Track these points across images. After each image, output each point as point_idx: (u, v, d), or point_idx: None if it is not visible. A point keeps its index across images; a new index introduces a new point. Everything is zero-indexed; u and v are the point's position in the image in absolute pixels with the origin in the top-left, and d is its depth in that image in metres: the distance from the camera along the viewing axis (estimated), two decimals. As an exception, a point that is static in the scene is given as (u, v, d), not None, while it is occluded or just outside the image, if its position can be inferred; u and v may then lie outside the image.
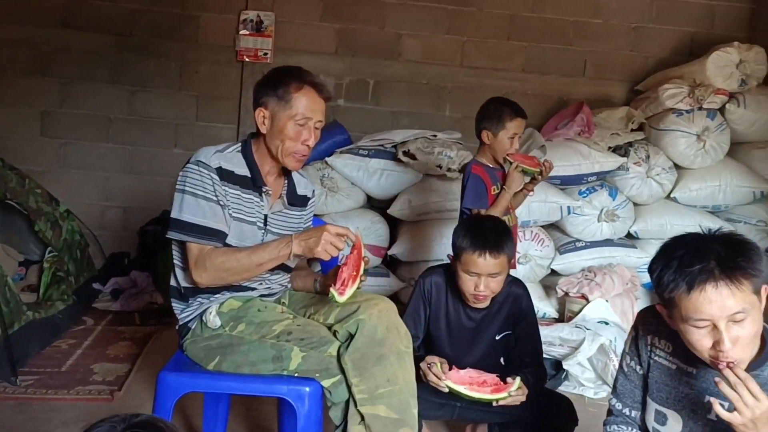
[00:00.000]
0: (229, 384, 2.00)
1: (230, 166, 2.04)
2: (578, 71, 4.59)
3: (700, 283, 1.39)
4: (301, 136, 2.02)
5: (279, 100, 2.01)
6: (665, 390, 1.62)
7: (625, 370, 1.72)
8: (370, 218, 3.94)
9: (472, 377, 2.08)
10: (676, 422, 1.61)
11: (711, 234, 1.48)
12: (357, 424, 1.91)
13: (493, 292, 2.20)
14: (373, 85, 4.56)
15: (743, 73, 3.96)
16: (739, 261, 1.39)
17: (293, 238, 1.98)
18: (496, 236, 2.20)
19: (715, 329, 1.41)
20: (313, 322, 2.06)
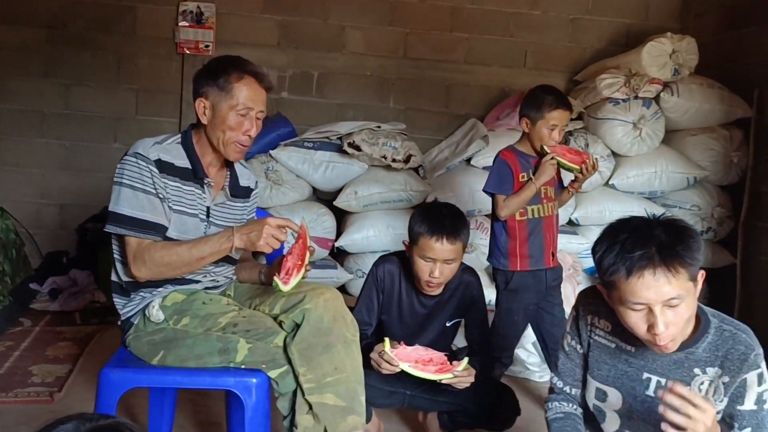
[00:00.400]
0: (174, 378, 1.97)
1: (170, 158, 2.01)
2: (519, 62, 4.66)
3: (639, 269, 1.43)
4: (243, 127, 2.01)
5: (220, 90, 1.99)
6: (605, 368, 1.66)
7: (566, 349, 1.76)
8: (316, 210, 3.93)
9: (419, 355, 2.10)
10: (616, 399, 1.66)
11: (656, 219, 1.52)
12: (305, 413, 1.92)
13: (446, 279, 2.22)
14: (317, 77, 4.54)
15: (676, 63, 4.08)
16: (678, 249, 1.44)
17: (234, 231, 1.96)
18: (453, 222, 2.22)
19: (651, 312, 1.46)
20: (259, 314, 2.05)
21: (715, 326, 1.57)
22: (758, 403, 1.54)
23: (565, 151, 2.83)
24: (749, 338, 1.55)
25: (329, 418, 1.91)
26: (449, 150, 4.24)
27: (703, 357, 1.56)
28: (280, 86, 4.48)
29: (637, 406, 1.63)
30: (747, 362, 1.52)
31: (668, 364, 1.59)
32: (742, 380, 1.53)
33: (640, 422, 1.64)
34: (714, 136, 4.11)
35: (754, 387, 1.53)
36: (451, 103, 4.61)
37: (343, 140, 3.97)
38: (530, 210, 2.86)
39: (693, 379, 1.57)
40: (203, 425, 2.64)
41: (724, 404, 1.56)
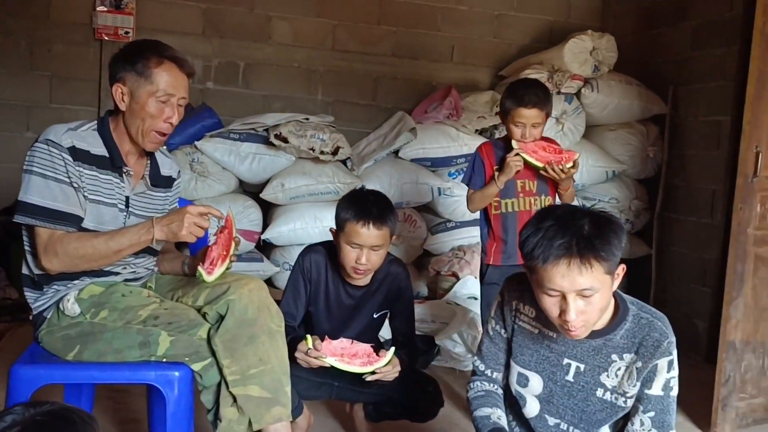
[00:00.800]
0: (90, 373, 1.90)
1: (85, 146, 1.92)
2: (446, 57, 4.71)
3: (556, 258, 1.47)
4: (164, 114, 1.94)
5: (138, 75, 1.91)
6: (528, 353, 1.70)
7: (491, 333, 1.79)
8: (242, 202, 3.87)
9: (344, 348, 2.09)
10: (538, 383, 1.70)
11: (584, 210, 1.56)
12: (229, 406, 1.88)
13: (373, 266, 2.22)
14: (244, 67, 4.46)
15: (596, 60, 4.21)
16: (596, 243, 1.47)
17: (154, 222, 1.90)
18: (379, 209, 2.22)
19: (564, 300, 1.51)
20: (182, 305, 2.00)
21: (633, 314, 1.62)
22: (665, 389, 1.60)
23: (538, 147, 2.71)
24: (664, 326, 1.61)
25: (254, 409, 1.88)
26: (377, 142, 4.24)
27: (620, 343, 1.61)
28: (205, 76, 4.38)
29: (557, 391, 1.67)
30: (660, 349, 1.58)
31: (587, 350, 1.63)
32: (654, 366, 1.58)
33: (560, 406, 1.68)
34: (632, 132, 4.27)
35: (663, 373, 1.59)
36: (378, 96, 4.61)
37: (270, 132, 3.91)
38: (504, 204, 2.82)
39: (610, 365, 1.62)
40: (123, 422, 2.57)
41: (636, 389, 1.61)
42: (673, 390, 1.61)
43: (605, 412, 1.65)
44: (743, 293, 2.89)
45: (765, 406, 3.04)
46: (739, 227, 2.84)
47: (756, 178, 2.82)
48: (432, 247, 4.12)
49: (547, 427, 1.71)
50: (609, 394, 1.64)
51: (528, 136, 2.70)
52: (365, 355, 2.09)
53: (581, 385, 1.65)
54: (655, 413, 1.60)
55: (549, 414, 1.70)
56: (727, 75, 3.89)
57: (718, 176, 3.92)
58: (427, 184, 3.99)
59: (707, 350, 3.84)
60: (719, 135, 3.94)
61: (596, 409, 1.65)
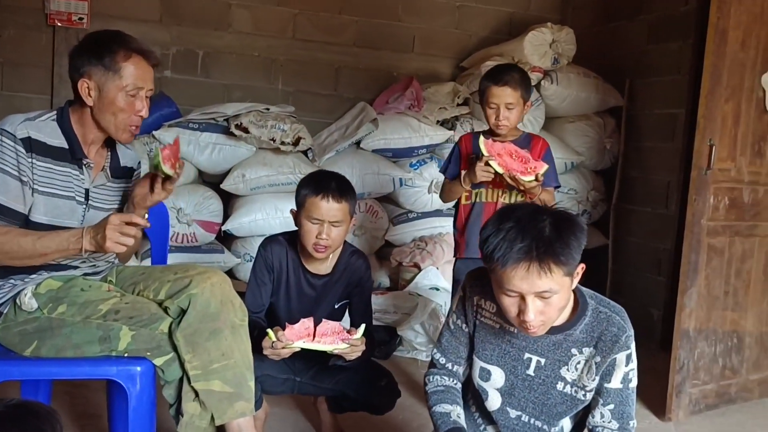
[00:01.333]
0: (49, 369, 1.86)
1: (42, 137, 1.88)
2: (408, 47, 4.70)
3: (515, 262, 1.47)
4: (134, 107, 1.92)
5: (106, 70, 1.88)
6: (489, 348, 1.71)
7: (452, 327, 1.79)
8: (202, 193, 3.81)
9: (308, 328, 2.09)
10: (500, 377, 1.71)
11: (546, 210, 1.56)
12: (191, 400, 1.87)
13: (334, 242, 2.22)
14: (203, 56, 4.38)
15: (556, 52, 4.25)
16: (556, 247, 1.47)
17: (84, 232, 1.84)
18: (339, 183, 2.24)
19: (523, 300, 1.51)
20: (143, 299, 1.97)
21: (592, 308, 1.65)
22: (624, 382, 1.63)
23: (506, 152, 2.54)
24: (622, 320, 1.63)
25: (216, 404, 1.87)
26: (339, 133, 4.22)
27: (580, 338, 1.63)
28: (163, 64, 4.27)
29: (518, 384, 1.69)
30: (618, 343, 1.60)
31: (548, 345, 1.65)
32: (612, 360, 1.61)
33: (521, 399, 1.70)
34: (589, 124, 4.33)
35: (621, 366, 1.62)
36: (340, 86, 4.59)
37: (230, 122, 3.87)
38: (474, 194, 2.76)
39: (570, 359, 1.65)
40: (81, 417, 2.52)
41: (596, 383, 1.64)
42: (632, 382, 1.64)
43: (565, 405, 1.68)
44: (697, 283, 2.97)
45: (717, 392, 3.15)
46: (693, 218, 2.92)
47: (710, 170, 2.90)
48: (393, 238, 4.13)
49: (509, 419, 1.73)
50: (569, 388, 1.66)
51: (502, 119, 2.63)
52: (335, 333, 2.09)
53: (542, 379, 1.67)
54: (614, 405, 1.63)
55: (511, 407, 1.72)
56: (682, 69, 3.98)
57: (673, 168, 4.02)
58: (388, 175, 3.99)
59: (662, 338, 3.95)
60: (674, 127, 4.03)
61: (556, 402, 1.68)
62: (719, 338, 3.12)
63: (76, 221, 1.94)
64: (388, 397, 2.28)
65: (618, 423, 1.64)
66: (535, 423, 1.71)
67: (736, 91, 2.97)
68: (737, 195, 3.06)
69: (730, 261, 3.10)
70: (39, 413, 1.12)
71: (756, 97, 3.04)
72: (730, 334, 3.15)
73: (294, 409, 2.76)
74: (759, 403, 3.29)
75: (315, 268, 2.34)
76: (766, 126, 3.11)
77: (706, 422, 3.02)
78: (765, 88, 3.05)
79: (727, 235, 3.07)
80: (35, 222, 1.87)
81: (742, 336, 3.20)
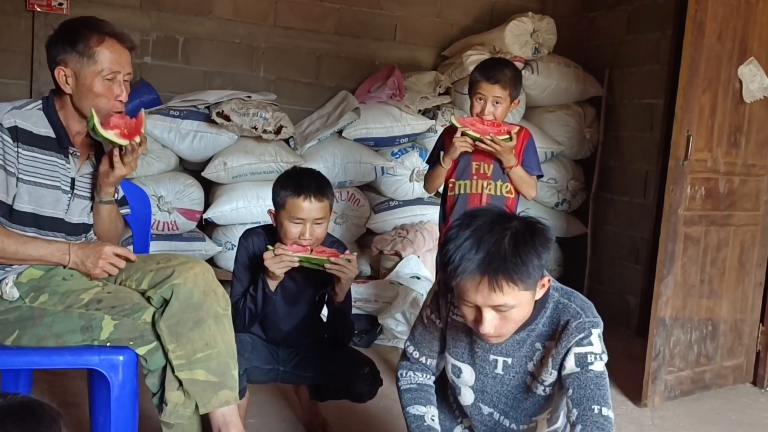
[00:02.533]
0: (30, 359, 1.86)
1: (28, 126, 1.87)
2: (389, 36, 4.70)
3: (470, 275, 1.41)
4: (112, 92, 1.90)
5: (80, 56, 1.87)
6: (460, 346, 1.69)
7: (425, 321, 1.75)
8: (183, 181, 3.80)
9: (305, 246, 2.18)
10: (470, 375, 1.70)
11: (511, 217, 1.48)
12: (175, 389, 1.88)
13: (317, 240, 2.23)
14: (183, 42, 4.34)
15: (536, 42, 4.27)
16: (510, 266, 1.39)
17: (70, 249, 1.89)
18: (317, 182, 2.25)
19: (479, 311, 1.46)
20: (125, 289, 1.98)
21: (554, 300, 1.59)
22: (580, 366, 1.53)
23: (478, 121, 2.63)
24: (579, 307, 1.57)
25: (200, 393, 1.88)
26: (320, 121, 4.22)
27: (543, 331, 1.60)
28: (142, 51, 4.24)
29: (488, 382, 1.68)
30: (568, 330, 1.53)
31: (512, 345, 1.62)
32: (566, 348, 1.55)
33: (493, 395, 1.69)
34: (569, 113, 4.37)
35: (574, 350, 1.54)
36: (322, 75, 4.58)
37: (212, 109, 3.85)
38: (458, 185, 2.75)
39: (535, 353, 1.61)
40: (62, 406, 2.51)
41: (553, 377, 1.59)
42: (593, 365, 1.53)
43: (530, 401, 1.66)
44: (673, 271, 3.02)
45: (692, 379, 3.21)
46: (670, 208, 2.97)
47: (687, 161, 2.94)
48: (375, 226, 4.15)
49: (482, 415, 1.72)
50: (534, 383, 1.63)
51: (487, 114, 2.64)
52: (330, 253, 2.17)
53: (511, 376, 1.65)
54: (572, 390, 1.53)
55: (483, 403, 1.71)
56: (661, 59, 4.02)
57: (651, 158, 4.07)
58: (370, 164, 4.00)
59: (638, 325, 4.01)
60: (652, 117, 4.08)
61: (524, 398, 1.66)
62: (695, 326, 3.18)
63: (60, 211, 1.94)
64: (370, 386, 2.30)
65: (577, 410, 1.50)
66: (504, 421, 1.70)
67: (713, 83, 3.01)
68: (713, 185, 3.11)
69: (705, 250, 3.15)
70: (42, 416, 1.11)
71: (732, 89, 3.09)
72: (705, 321, 3.21)
73: (276, 398, 2.77)
74: (733, 389, 3.37)
75: None
76: (741, 117, 3.16)
77: (682, 408, 3.09)
78: (742, 80, 3.09)
79: (703, 225, 3.12)
80: (19, 211, 1.87)
81: (717, 323, 3.27)
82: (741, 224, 3.27)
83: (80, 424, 2.41)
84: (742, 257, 3.31)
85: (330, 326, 2.41)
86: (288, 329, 2.35)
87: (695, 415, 3.03)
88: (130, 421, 1.90)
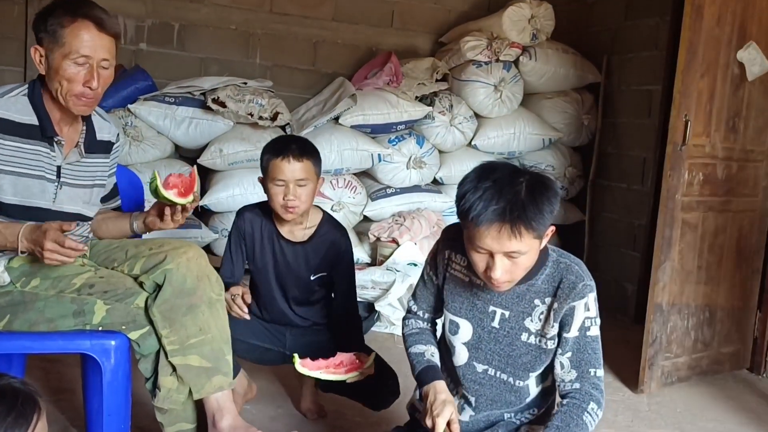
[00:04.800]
0: (22, 343, 1.85)
1: (9, 114, 1.83)
2: (386, 22, 4.66)
3: (489, 222, 1.51)
4: (80, 78, 1.82)
5: (50, 36, 1.80)
6: (458, 300, 1.76)
7: (425, 278, 1.86)
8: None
9: (327, 362, 2.08)
10: (467, 330, 1.75)
11: (523, 172, 1.58)
12: (168, 375, 1.87)
13: (302, 203, 2.23)
14: (179, 29, 4.31)
15: (534, 28, 4.24)
16: (529, 212, 1.50)
17: (21, 236, 1.78)
18: (300, 144, 2.27)
19: (491, 258, 1.56)
20: (118, 274, 1.96)
21: (553, 259, 1.69)
22: (581, 330, 1.66)
23: None
24: (581, 270, 1.67)
25: (194, 379, 1.87)
26: (317, 108, 4.20)
27: (542, 288, 1.67)
28: (138, 37, 4.22)
29: (484, 337, 1.73)
30: (575, 290, 1.63)
31: (512, 298, 1.69)
32: (570, 308, 1.64)
33: (487, 352, 1.74)
34: (567, 100, 4.35)
35: (579, 314, 1.65)
36: (318, 61, 4.55)
37: (207, 96, 3.83)
38: None
39: (533, 310, 1.69)
40: (55, 392, 2.51)
41: (555, 329, 1.67)
42: (590, 330, 1.66)
43: (530, 356, 1.71)
44: (671, 257, 3.01)
45: (688, 365, 3.21)
46: (668, 194, 2.95)
47: (685, 146, 2.93)
48: (372, 214, 4.13)
49: (476, 374, 1.76)
50: (533, 338, 1.70)
51: None
52: (350, 363, 2.09)
53: (506, 331, 1.71)
54: (572, 353, 1.66)
55: (477, 361, 1.76)
56: (659, 45, 3.99)
57: (649, 144, 4.05)
58: (367, 151, 3.98)
59: (635, 312, 4.01)
60: (650, 104, 4.05)
61: (521, 352, 1.71)
62: (692, 312, 3.17)
63: (47, 200, 1.90)
64: (388, 397, 2.29)
65: (576, 372, 1.66)
66: (501, 376, 1.74)
67: (711, 67, 2.99)
68: (711, 171, 3.10)
69: (703, 236, 3.14)
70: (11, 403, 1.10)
71: (731, 73, 3.07)
72: (702, 307, 3.21)
73: (273, 384, 2.77)
74: (729, 376, 3.36)
75: (291, 235, 2.34)
76: (740, 102, 3.14)
77: (678, 394, 3.08)
78: (744, 63, 3.06)
79: (701, 211, 3.10)
80: (5, 203, 1.84)
81: (714, 310, 3.26)
82: (739, 210, 3.25)
83: (75, 411, 2.40)
84: (739, 244, 3.29)
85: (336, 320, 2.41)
86: (284, 309, 2.36)
87: (692, 402, 3.03)
88: (122, 406, 1.89)
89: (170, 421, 1.92)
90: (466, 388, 1.79)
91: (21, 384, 1.15)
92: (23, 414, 1.11)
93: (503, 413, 1.79)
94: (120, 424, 1.89)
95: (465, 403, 1.80)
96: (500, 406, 1.77)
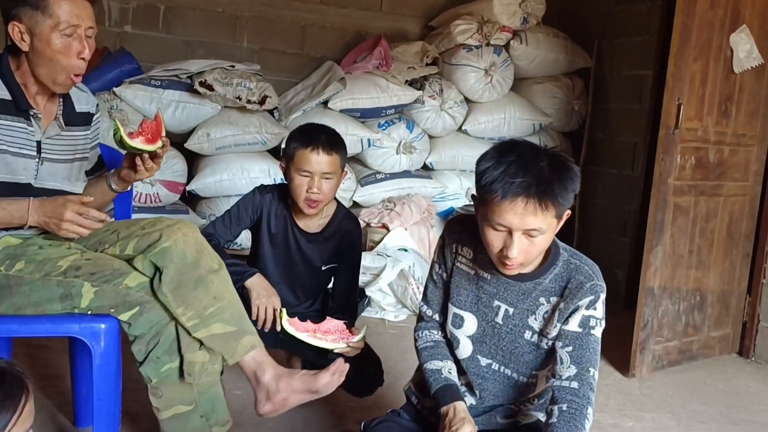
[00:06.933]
0: (8, 327, 1.79)
1: None
2: (375, 5, 4.62)
3: (514, 196, 1.47)
4: (72, 49, 1.77)
5: (34, 9, 1.73)
6: (463, 294, 1.72)
7: (434, 277, 1.80)
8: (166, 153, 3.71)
9: (316, 326, 2.05)
10: (472, 324, 1.72)
11: (543, 149, 1.55)
12: (197, 350, 1.82)
13: (325, 196, 2.18)
14: (164, 11, 4.24)
15: (525, 12, 4.21)
16: (555, 187, 1.48)
17: (31, 207, 1.75)
18: (329, 136, 2.20)
19: (510, 236, 1.52)
20: (105, 256, 1.90)
21: (564, 259, 1.65)
22: (583, 327, 1.61)
23: None
24: (591, 271, 1.63)
25: (223, 346, 1.83)
26: (305, 92, 4.15)
27: (549, 287, 1.64)
28: (122, 19, 4.15)
29: (488, 331, 1.71)
30: (582, 290, 1.60)
31: (517, 294, 1.66)
32: (575, 306, 1.61)
33: (491, 346, 1.71)
34: (558, 85, 4.33)
35: (581, 310, 1.61)
36: (306, 45, 4.50)
37: (194, 79, 3.77)
38: None
39: (538, 308, 1.65)
40: (43, 378, 2.47)
41: (557, 330, 1.63)
42: (594, 329, 1.62)
43: (532, 354, 1.68)
44: (662, 241, 3.01)
45: (679, 349, 3.21)
46: (660, 177, 2.94)
47: (677, 129, 2.92)
48: (362, 199, 4.10)
49: (479, 367, 1.74)
50: (535, 337, 1.67)
51: None
52: (338, 332, 2.05)
53: (510, 328, 1.68)
54: (572, 348, 1.61)
55: (481, 354, 1.73)
56: (650, 30, 3.98)
57: (640, 129, 4.04)
58: (356, 136, 3.94)
59: (626, 298, 4.01)
60: (641, 89, 4.04)
61: (524, 351, 1.68)
62: (683, 296, 3.17)
63: (30, 176, 1.85)
64: (371, 384, 2.26)
65: (576, 368, 1.60)
66: (505, 371, 1.72)
67: (704, 51, 2.97)
68: (703, 155, 3.09)
69: (695, 220, 3.14)
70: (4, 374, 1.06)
71: (724, 57, 3.06)
72: (693, 292, 3.21)
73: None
74: (719, 360, 3.38)
75: (305, 225, 2.30)
76: (732, 86, 3.13)
77: (669, 378, 3.09)
78: (733, 48, 3.06)
79: (693, 195, 3.10)
80: None
81: (705, 294, 3.26)
82: (730, 195, 3.26)
83: (63, 397, 2.36)
84: (730, 228, 3.30)
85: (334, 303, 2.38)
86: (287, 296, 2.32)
87: (682, 385, 3.04)
88: (112, 391, 1.85)
89: (166, 404, 1.87)
90: (473, 381, 1.76)
91: (7, 365, 1.10)
92: (11, 395, 1.06)
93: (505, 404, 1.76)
94: (110, 409, 1.85)
95: (468, 392, 1.78)
96: (504, 399, 1.75)
